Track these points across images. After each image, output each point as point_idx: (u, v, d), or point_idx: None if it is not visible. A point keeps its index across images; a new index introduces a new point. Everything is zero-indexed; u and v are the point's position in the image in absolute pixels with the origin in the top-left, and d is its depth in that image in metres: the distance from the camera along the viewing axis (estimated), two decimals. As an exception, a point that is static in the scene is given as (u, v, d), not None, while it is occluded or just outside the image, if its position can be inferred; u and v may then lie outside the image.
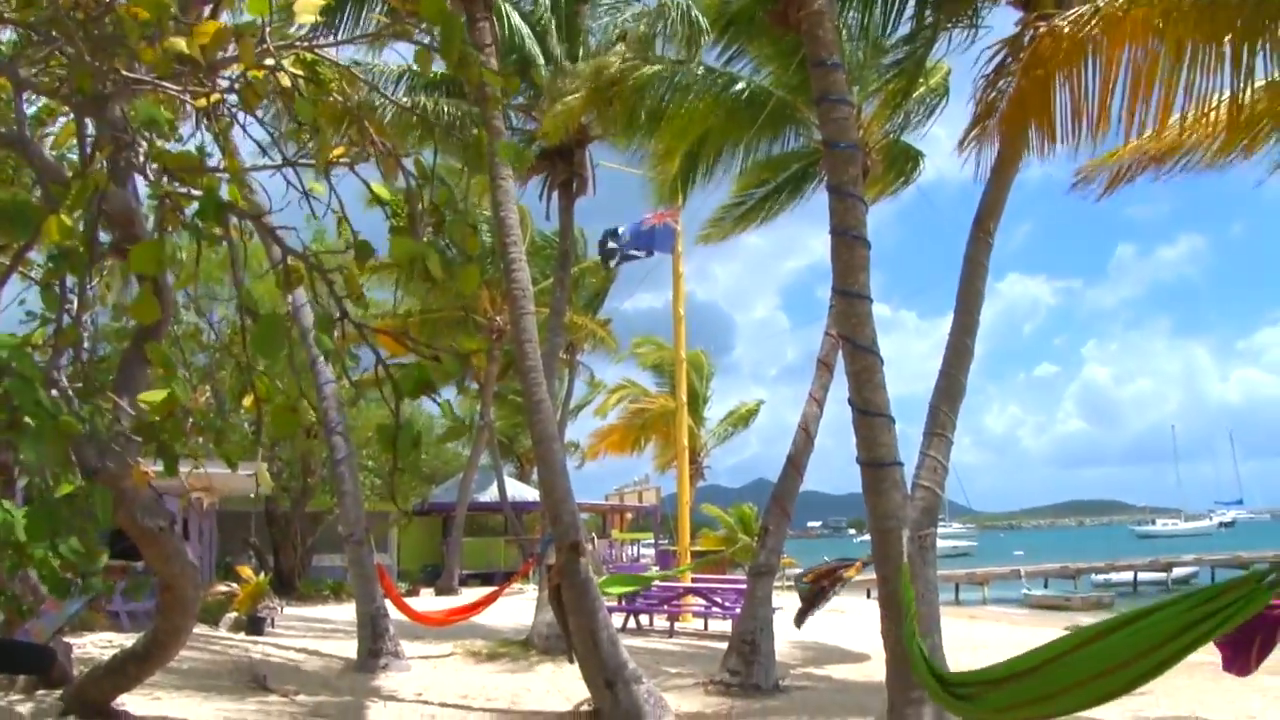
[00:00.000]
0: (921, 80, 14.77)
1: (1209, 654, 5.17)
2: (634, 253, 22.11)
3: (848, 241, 7.99)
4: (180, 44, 3.91)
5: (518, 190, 18.99)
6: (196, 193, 4.19)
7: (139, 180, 5.45)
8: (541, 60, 17.90)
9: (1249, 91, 8.72)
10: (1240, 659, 5.20)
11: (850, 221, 7.99)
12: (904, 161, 16.67)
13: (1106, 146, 11.07)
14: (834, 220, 8.04)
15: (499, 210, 12.12)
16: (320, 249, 4.85)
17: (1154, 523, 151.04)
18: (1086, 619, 29.04)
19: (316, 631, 19.10)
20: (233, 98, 4.47)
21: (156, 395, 4.30)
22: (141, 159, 4.90)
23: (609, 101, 14.63)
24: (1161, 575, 47.43)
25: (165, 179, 4.44)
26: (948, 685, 6.45)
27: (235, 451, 5.29)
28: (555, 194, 17.83)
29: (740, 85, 14.59)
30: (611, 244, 21.92)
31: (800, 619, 11.26)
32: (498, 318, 31.33)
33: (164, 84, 4.34)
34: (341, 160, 4.44)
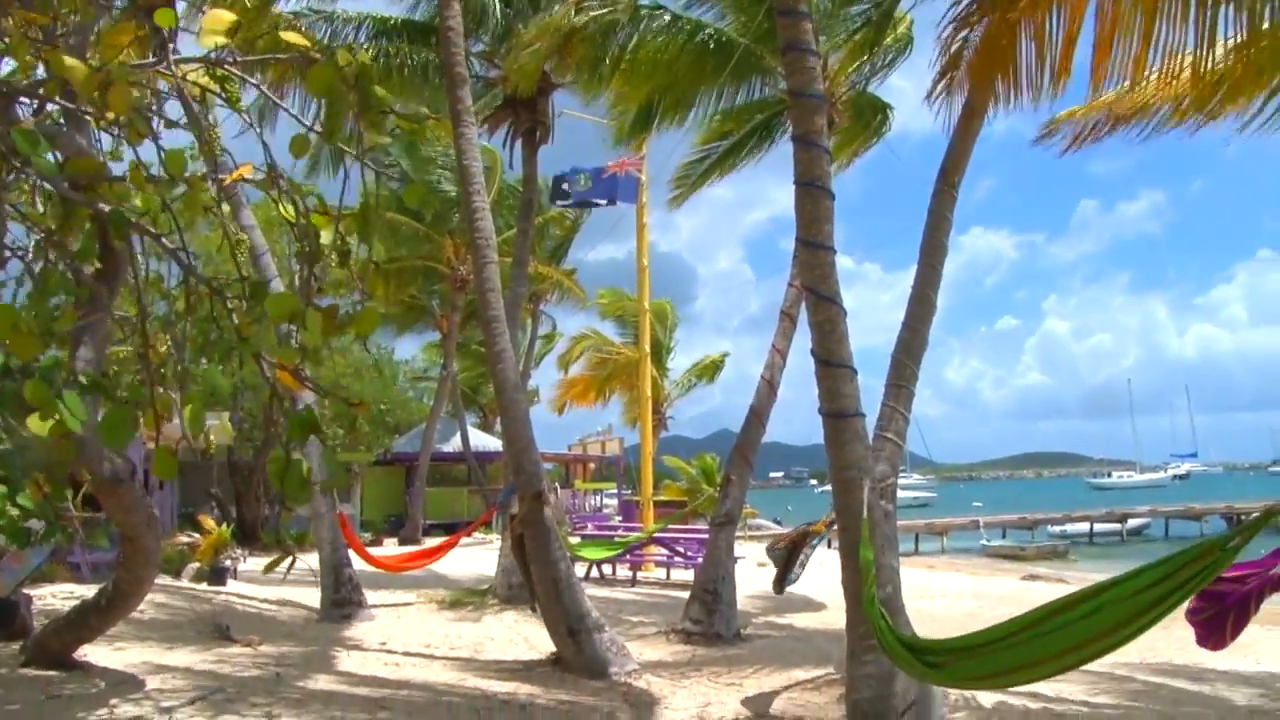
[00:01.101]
0: (890, 30, 14.72)
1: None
2: (596, 200, 21.96)
3: (812, 192, 7.96)
4: (75, 68, 3.79)
5: (484, 139, 18.86)
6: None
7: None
8: (499, 3, 17.66)
9: (1212, 55, 8.75)
10: (1215, 637, 5.27)
11: (815, 172, 7.95)
12: (872, 114, 16.62)
13: (1074, 100, 11.12)
14: (798, 171, 8.00)
15: (462, 159, 11.98)
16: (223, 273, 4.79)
17: (1109, 475, 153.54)
18: (1042, 569, 29.59)
19: (280, 582, 19.05)
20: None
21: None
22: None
23: (572, 48, 14.50)
24: (1117, 526, 48.27)
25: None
26: (916, 652, 6.52)
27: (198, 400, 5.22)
28: (519, 143, 17.69)
29: (706, 32, 14.49)
30: (566, 185, 21.74)
31: (779, 584, 11.36)
32: (460, 267, 31.18)
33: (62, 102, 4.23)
34: (246, 179, 4.34)
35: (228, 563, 18.67)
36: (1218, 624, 5.24)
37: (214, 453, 25.35)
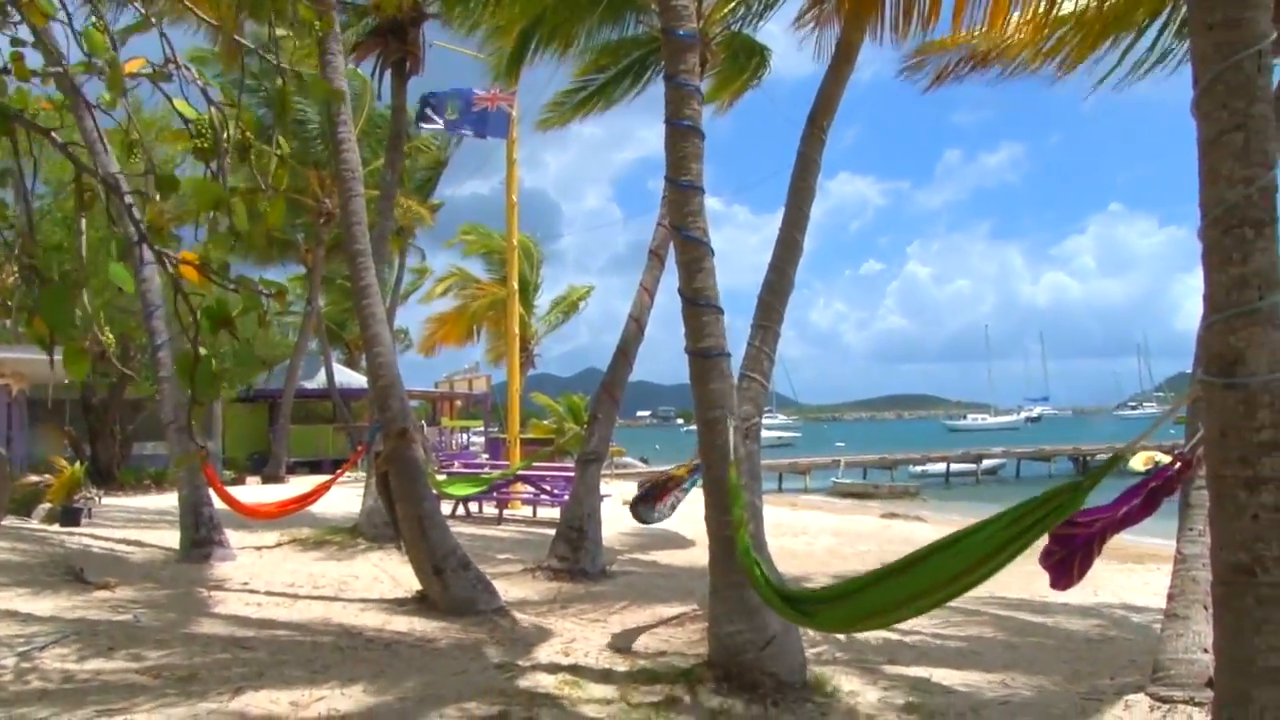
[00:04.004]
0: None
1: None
2: (464, 131, 21.57)
3: (682, 131, 7.96)
4: None
5: (351, 67, 18.35)
6: None
7: None
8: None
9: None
10: (1064, 579, 5.54)
11: (685, 111, 7.95)
12: (748, 57, 16.58)
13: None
14: (669, 109, 7.98)
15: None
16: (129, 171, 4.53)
17: (965, 417, 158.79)
18: (898, 507, 30.54)
19: (138, 522, 18.58)
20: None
21: None
22: None
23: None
24: (972, 466, 49.99)
25: None
26: (791, 602, 6.70)
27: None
28: (388, 73, 17.26)
29: (580, -35, 14.28)
30: (430, 110, 21.28)
31: (634, 509, 11.45)
32: (326, 200, 30.46)
33: None
34: (140, 73, 4.12)
35: (81, 503, 18.06)
36: (1066, 566, 5.48)
37: (71, 386, 24.50)
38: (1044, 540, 5.36)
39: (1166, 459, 5.61)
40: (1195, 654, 7.14)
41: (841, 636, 9.74)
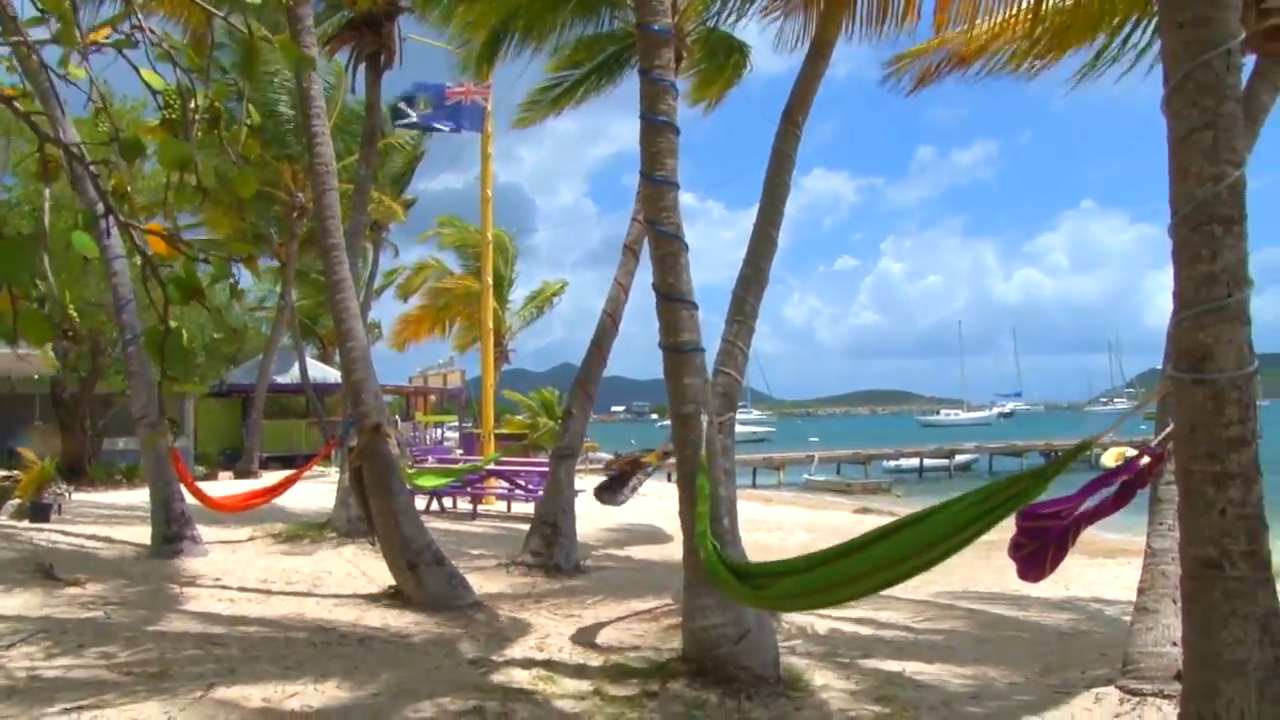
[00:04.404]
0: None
1: (984, 535, 5.49)
2: (438, 125, 21.46)
3: (657, 126, 7.97)
4: None
5: (325, 61, 18.27)
6: None
7: None
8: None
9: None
10: (1035, 570, 5.55)
11: (660, 107, 7.95)
12: (726, 54, 16.55)
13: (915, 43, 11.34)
14: (644, 105, 7.99)
15: (302, 80, 11.61)
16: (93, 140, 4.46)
17: (938, 413, 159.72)
18: (871, 502, 30.64)
19: (109, 518, 18.44)
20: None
21: None
22: None
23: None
24: (945, 461, 50.26)
25: None
26: (740, 577, 6.71)
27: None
28: (363, 66, 17.17)
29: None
30: (404, 105, 21.18)
31: (599, 494, 11.42)
32: (300, 194, 30.28)
33: None
34: (104, 42, 4.06)
35: (51, 499, 17.91)
36: (1038, 559, 5.51)
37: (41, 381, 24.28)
38: (1014, 532, 5.39)
39: (1137, 454, 5.66)
40: (1164, 647, 7.20)
41: (820, 630, 9.79)
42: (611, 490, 11.24)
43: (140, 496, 17.10)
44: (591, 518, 16.81)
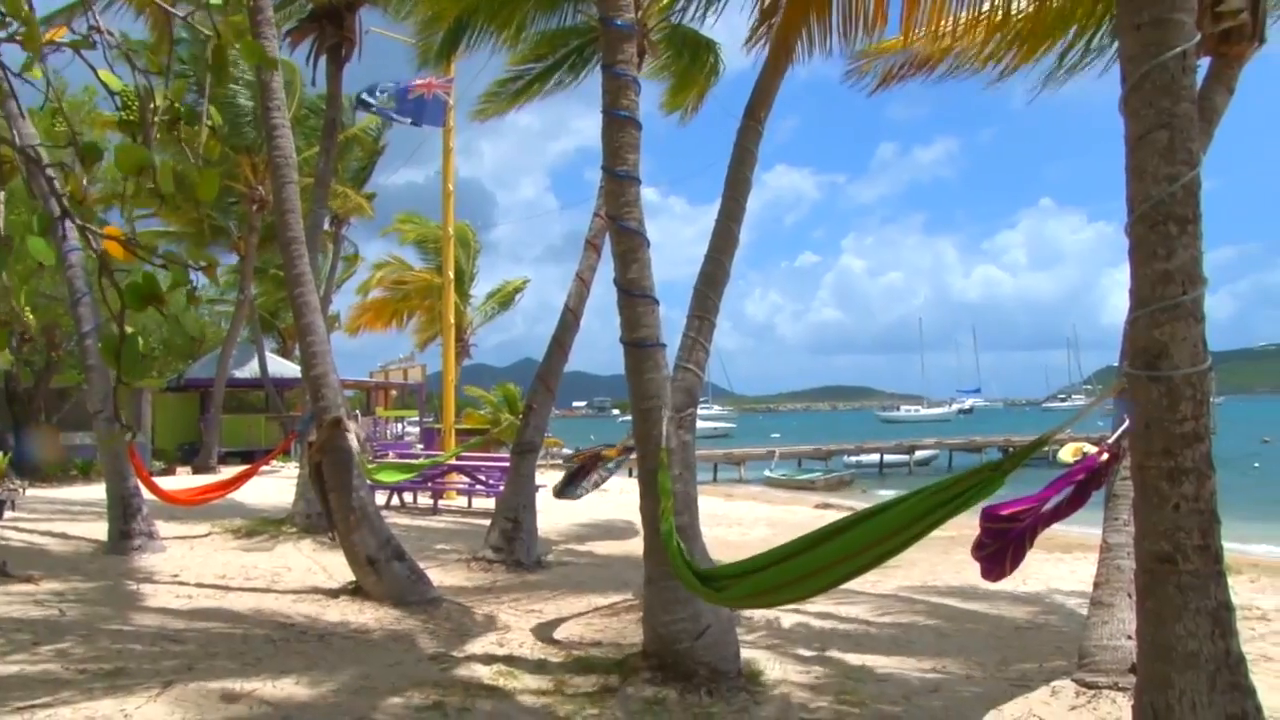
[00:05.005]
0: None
1: (944, 531, 5.54)
2: (398, 118, 21.33)
3: (620, 121, 7.95)
4: None
5: (285, 53, 18.11)
6: None
7: None
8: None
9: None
10: (996, 570, 5.62)
11: (622, 102, 7.94)
12: (696, 52, 16.49)
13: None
14: (606, 100, 7.97)
15: (261, 72, 11.50)
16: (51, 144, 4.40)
17: (899, 409, 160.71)
18: (832, 497, 30.77)
19: (64, 514, 18.22)
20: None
21: None
22: None
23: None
24: (905, 457, 50.57)
25: None
26: (704, 579, 6.73)
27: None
28: (323, 59, 17.04)
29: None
30: (366, 96, 21.03)
31: (559, 490, 11.40)
32: (259, 187, 30.03)
33: None
34: (62, 42, 4.00)
35: (4, 495, 17.65)
36: (999, 558, 5.56)
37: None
38: (978, 533, 5.45)
39: (1094, 449, 5.73)
40: (1120, 640, 7.29)
41: (784, 624, 9.84)
42: (572, 485, 11.22)
43: (97, 492, 16.90)
44: (553, 513, 16.80)
